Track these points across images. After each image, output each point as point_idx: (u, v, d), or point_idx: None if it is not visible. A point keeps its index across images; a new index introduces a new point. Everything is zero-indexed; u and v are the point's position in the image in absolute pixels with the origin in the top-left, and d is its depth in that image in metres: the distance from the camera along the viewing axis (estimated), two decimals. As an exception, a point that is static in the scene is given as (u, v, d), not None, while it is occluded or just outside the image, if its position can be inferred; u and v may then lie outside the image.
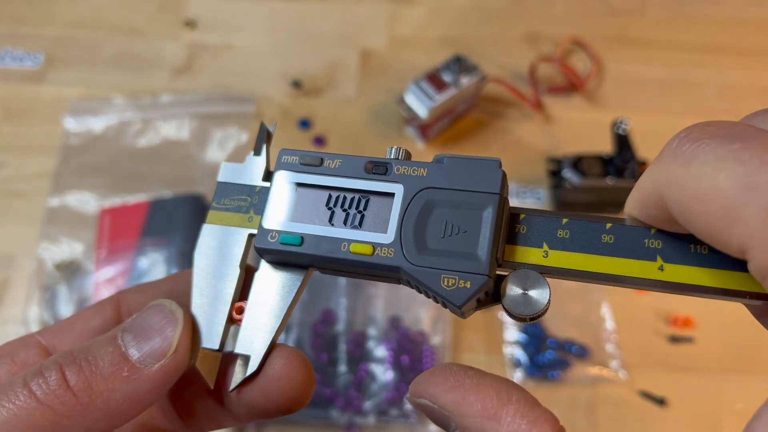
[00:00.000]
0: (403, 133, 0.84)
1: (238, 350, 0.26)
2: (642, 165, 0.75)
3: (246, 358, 0.26)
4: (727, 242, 0.18)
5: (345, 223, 0.26)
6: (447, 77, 0.78)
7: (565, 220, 0.25)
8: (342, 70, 0.90)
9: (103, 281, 0.73)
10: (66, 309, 0.73)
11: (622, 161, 0.73)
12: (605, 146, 0.76)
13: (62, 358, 0.23)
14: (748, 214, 0.17)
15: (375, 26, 0.94)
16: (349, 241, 0.26)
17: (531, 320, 0.24)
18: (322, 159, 0.27)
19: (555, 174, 0.78)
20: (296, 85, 0.88)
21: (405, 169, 0.27)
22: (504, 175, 0.26)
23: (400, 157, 0.27)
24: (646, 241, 0.24)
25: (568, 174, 0.75)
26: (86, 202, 0.79)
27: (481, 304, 0.25)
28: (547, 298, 0.24)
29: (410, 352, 0.69)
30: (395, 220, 0.26)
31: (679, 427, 0.67)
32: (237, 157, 0.83)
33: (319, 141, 0.84)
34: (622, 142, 0.74)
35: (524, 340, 0.70)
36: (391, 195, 0.26)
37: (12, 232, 0.79)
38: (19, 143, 0.85)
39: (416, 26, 0.94)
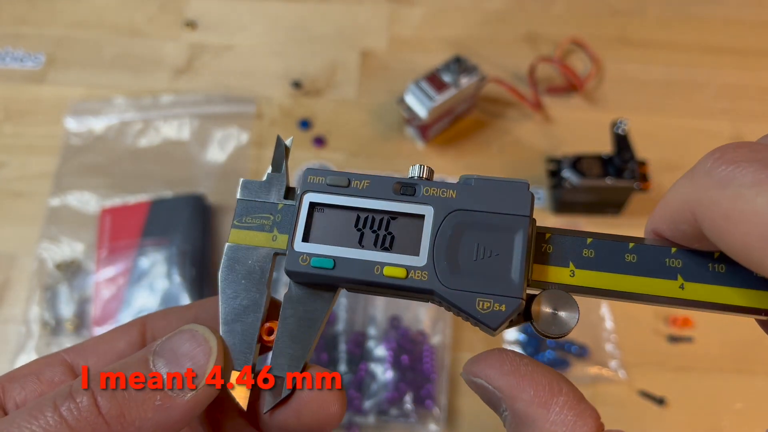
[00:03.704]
0: (403, 134, 0.84)
1: (271, 372, 0.26)
2: (641, 165, 0.75)
3: (279, 380, 0.26)
4: (760, 263, 0.19)
5: (375, 244, 0.26)
6: (447, 77, 0.78)
7: (589, 240, 0.26)
8: (342, 71, 0.90)
9: (104, 281, 0.73)
10: (67, 309, 0.73)
11: (621, 161, 0.73)
12: (604, 146, 0.76)
13: (93, 381, 0.23)
14: None
15: (375, 27, 0.94)
16: (382, 264, 0.26)
17: (558, 338, 0.25)
18: (349, 180, 0.27)
19: (554, 174, 0.78)
20: (296, 85, 0.89)
21: (434, 190, 0.27)
22: (533, 197, 0.26)
23: (423, 176, 0.27)
24: (667, 260, 0.25)
25: (568, 174, 0.75)
26: (87, 202, 0.79)
27: (513, 323, 0.26)
28: (576, 318, 0.25)
29: (410, 352, 0.69)
30: (427, 243, 0.26)
31: (678, 427, 0.67)
32: (237, 157, 0.83)
33: (320, 141, 0.84)
34: (622, 142, 0.74)
35: (524, 340, 0.71)
36: (421, 217, 0.26)
37: (13, 231, 0.79)
38: (20, 143, 0.85)
39: (416, 27, 0.94)
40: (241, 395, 0.26)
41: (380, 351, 0.69)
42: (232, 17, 0.95)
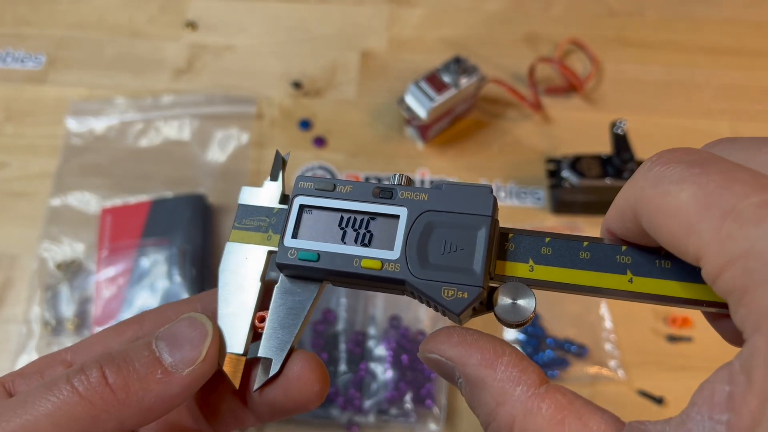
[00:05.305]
0: (403, 134, 0.85)
1: (261, 354, 0.29)
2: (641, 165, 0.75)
3: (268, 362, 0.29)
4: (685, 251, 0.21)
5: (356, 241, 0.29)
6: (446, 78, 0.78)
7: (547, 239, 0.28)
8: (342, 71, 0.90)
9: (105, 281, 0.74)
10: (67, 309, 0.73)
11: (620, 161, 0.73)
12: (604, 147, 0.77)
13: (102, 358, 0.26)
14: (702, 229, 0.20)
15: (375, 27, 0.94)
16: (360, 258, 0.29)
17: (518, 326, 0.27)
18: (335, 185, 0.30)
19: (554, 174, 0.79)
20: (297, 85, 0.89)
21: (408, 194, 0.30)
22: (495, 200, 0.29)
23: (402, 183, 0.30)
24: (618, 257, 0.27)
25: (567, 174, 0.75)
26: (88, 202, 0.80)
27: (476, 312, 0.28)
28: (533, 307, 0.27)
29: (410, 351, 0.69)
30: (401, 239, 0.29)
31: (677, 426, 0.67)
32: (237, 157, 0.83)
33: (320, 141, 0.84)
34: (621, 142, 0.74)
35: (523, 340, 0.71)
36: (397, 217, 0.29)
37: (14, 232, 0.79)
38: (21, 144, 0.85)
39: (416, 27, 0.94)
40: (234, 375, 0.29)
41: (380, 351, 0.70)
42: (232, 17, 0.95)
